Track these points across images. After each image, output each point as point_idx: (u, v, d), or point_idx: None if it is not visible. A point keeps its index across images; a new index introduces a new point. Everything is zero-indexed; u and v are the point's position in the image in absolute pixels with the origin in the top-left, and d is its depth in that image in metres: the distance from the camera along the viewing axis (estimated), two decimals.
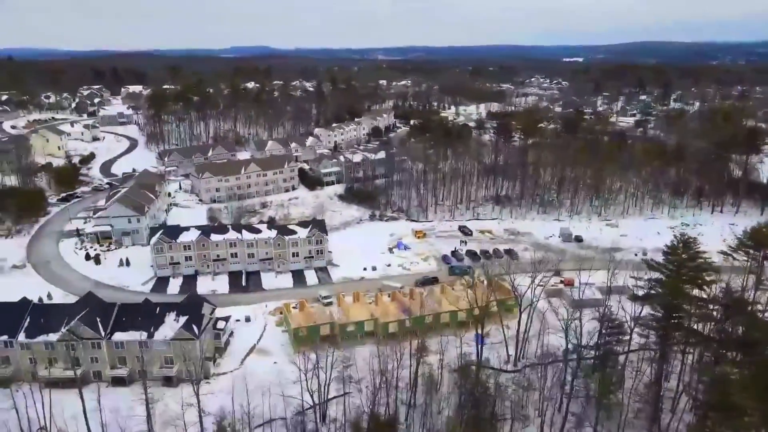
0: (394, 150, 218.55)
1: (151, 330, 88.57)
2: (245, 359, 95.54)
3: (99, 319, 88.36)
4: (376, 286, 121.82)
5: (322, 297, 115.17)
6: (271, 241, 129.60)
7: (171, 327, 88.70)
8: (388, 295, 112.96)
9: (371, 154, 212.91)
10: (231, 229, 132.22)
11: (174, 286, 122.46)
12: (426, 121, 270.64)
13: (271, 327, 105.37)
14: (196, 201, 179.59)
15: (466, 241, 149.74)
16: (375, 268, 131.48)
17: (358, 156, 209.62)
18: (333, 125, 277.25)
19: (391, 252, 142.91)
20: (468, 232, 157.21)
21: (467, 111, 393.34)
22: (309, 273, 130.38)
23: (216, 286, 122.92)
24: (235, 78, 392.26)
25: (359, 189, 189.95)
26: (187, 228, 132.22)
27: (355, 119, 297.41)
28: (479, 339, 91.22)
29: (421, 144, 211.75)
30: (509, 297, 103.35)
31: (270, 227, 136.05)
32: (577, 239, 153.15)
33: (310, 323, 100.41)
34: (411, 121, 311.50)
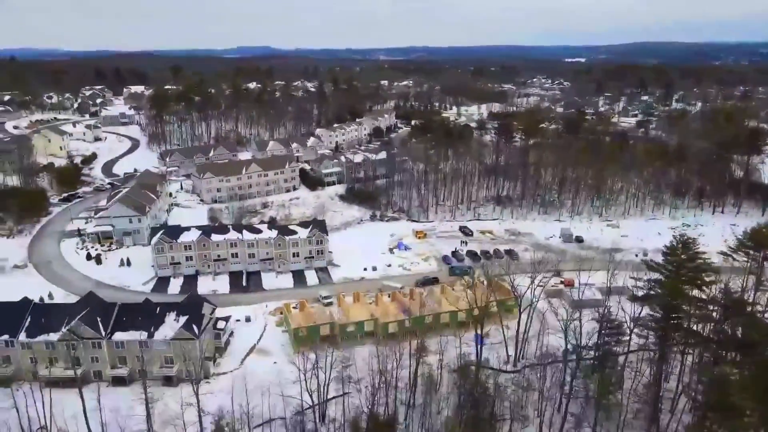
0: (395, 150, 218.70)
1: (152, 330, 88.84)
2: (245, 359, 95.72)
3: (99, 319, 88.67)
4: (376, 286, 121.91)
5: (322, 297, 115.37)
6: (272, 242, 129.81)
7: (171, 327, 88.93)
8: (388, 296, 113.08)
9: (372, 154, 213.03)
10: (232, 230, 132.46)
11: (175, 286, 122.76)
12: (427, 122, 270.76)
13: (272, 327, 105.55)
14: (197, 201, 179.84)
15: (466, 242, 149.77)
16: (375, 268, 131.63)
17: (359, 156, 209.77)
18: (334, 125, 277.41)
19: (392, 252, 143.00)
20: (468, 232, 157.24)
21: (469, 111, 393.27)
22: (309, 273, 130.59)
23: (217, 286, 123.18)
24: (237, 78, 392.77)
25: (360, 189, 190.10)
26: (188, 228, 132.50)
27: (357, 119, 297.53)
28: (479, 339, 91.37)
29: (422, 144, 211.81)
30: (509, 297, 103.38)
31: (271, 227, 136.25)
32: (578, 240, 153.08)
33: (310, 323, 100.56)
34: (412, 122, 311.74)
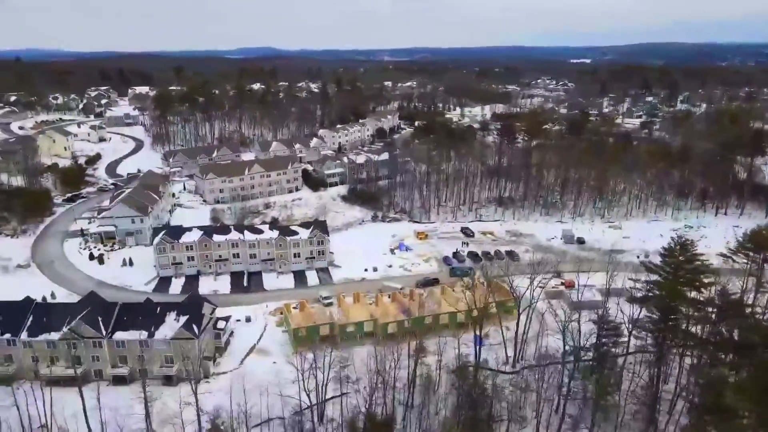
0: (397, 151, 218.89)
1: (152, 329, 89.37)
2: (245, 359, 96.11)
3: (100, 319, 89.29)
4: (376, 286, 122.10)
5: (322, 297, 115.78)
6: (273, 242, 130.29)
7: (171, 326, 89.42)
8: (388, 296, 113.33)
9: (375, 155, 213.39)
10: (233, 230, 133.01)
11: (176, 286, 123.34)
12: (430, 123, 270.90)
13: (272, 327, 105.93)
14: (199, 202, 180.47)
15: (467, 243, 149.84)
16: (376, 269, 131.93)
17: (361, 157, 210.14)
18: (337, 126, 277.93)
19: (393, 253, 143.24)
20: (470, 233, 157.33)
21: (472, 112, 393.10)
22: (310, 273, 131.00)
23: (218, 286, 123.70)
24: (241, 79, 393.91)
25: (362, 190, 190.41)
26: (190, 228, 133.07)
27: (360, 120, 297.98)
28: (478, 340, 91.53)
29: (425, 145, 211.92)
30: (508, 299, 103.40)
31: (272, 228, 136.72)
32: (579, 241, 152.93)
33: (309, 323, 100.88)
34: (416, 123, 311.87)
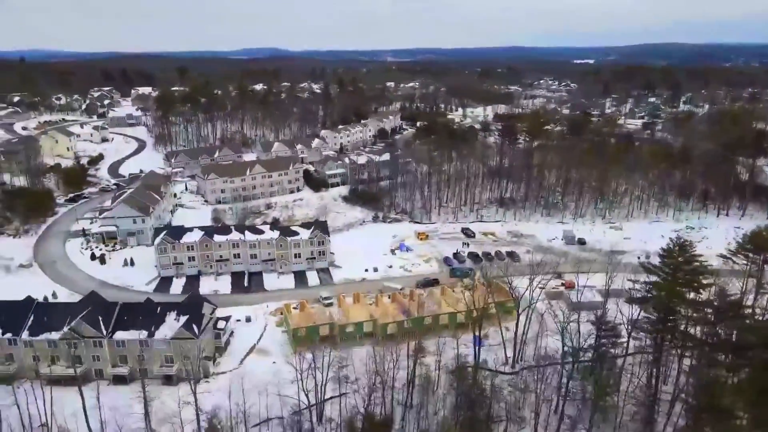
0: (398, 152, 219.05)
1: (152, 329, 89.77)
2: (245, 359, 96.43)
3: (101, 318, 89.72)
4: (377, 287, 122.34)
5: (323, 298, 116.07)
6: (274, 242, 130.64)
7: (171, 326, 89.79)
8: (388, 297, 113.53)
9: (376, 155, 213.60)
10: (234, 230, 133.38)
11: (177, 286, 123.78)
12: (431, 123, 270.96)
13: (272, 327, 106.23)
14: (201, 202, 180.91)
15: (468, 243, 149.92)
16: (376, 269, 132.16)
17: (362, 158, 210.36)
18: (339, 127, 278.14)
19: (393, 253, 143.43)
20: (470, 234, 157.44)
21: (474, 113, 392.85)
22: (311, 274, 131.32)
23: (218, 286, 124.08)
24: (243, 80, 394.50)
25: (363, 191, 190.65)
26: (191, 229, 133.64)
27: (362, 121, 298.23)
28: (477, 341, 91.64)
29: (426, 146, 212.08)
30: (508, 299, 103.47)
31: (273, 228, 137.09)
32: (580, 242, 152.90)
33: (309, 324, 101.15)
34: (417, 123, 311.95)
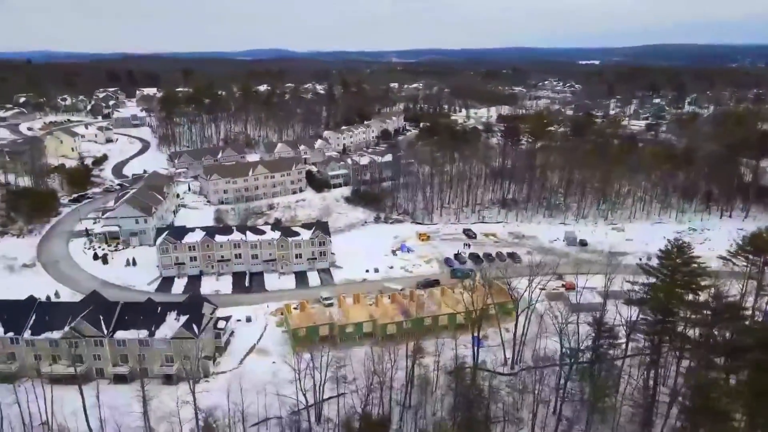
0: (401, 153, 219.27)
1: (152, 329, 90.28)
2: (245, 359, 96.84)
3: (102, 318, 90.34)
4: (377, 287, 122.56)
5: (323, 298, 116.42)
6: (275, 243, 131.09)
7: (171, 326, 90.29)
8: (388, 297, 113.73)
9: (379, 156, 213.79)
10: (235, 231, 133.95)
11: (179, 286, 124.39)
12: (434, 124, 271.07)
13: (272, 327, 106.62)
14: (204, 202, 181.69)
15: (469, 244, 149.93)
16: (377, 270, 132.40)
17: (365, 159, 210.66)
18: (342, 128, 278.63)
19: (394, 254, 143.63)
20: (472, 235, 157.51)
21: (478, 114, 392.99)
22: (312, 274, 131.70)
23: (220, 286, 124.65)
24: (248, 80, 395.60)
25: (366, 191, 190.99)
26: (193, 229, 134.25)
27: (365, 122, 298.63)
28: (476, 341, 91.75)
29: (429, 147, 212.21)
30: (507, 300, 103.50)
31: (274, 229, 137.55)
32: (582, 243, 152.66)
33: (309, 324, 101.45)
34: (421, 124, 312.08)
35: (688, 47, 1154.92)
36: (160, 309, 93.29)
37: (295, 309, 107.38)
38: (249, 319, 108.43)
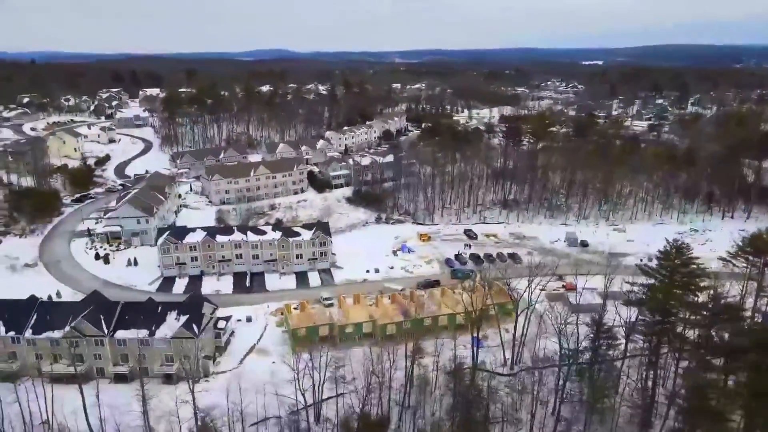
0: (403, 153, 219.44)
1: (153, 328, 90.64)
2: (245, 359, 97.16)
3: (102, 317, 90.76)
4: (377, 288, 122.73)
5: (323, 298, 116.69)
6: (276, 243, 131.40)
7: (171, 326, 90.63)
8: (388, 297, 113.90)
9: (380, 157, 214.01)
10: (236, 231, 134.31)
11: (180, 286, 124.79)
12: (436, 125, 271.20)
13: (272, 327, 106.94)
14: (205, 203, 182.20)
15: (470, 245, 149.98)
16: (378, 270, 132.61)
17: (366, 159, 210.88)
18: (344, 128, 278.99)
19: (395, 255, 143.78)
20: (473, 235, 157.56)
21: (480, 114, 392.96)
22: (312, 274, 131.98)
23: (220, 286, 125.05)
24: (249, 81, 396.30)
25: (367, 192, 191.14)
26: (194, 229, 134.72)
27: (367, 122, 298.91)
28: (475, 342, 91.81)
29: (430, 147, 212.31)
30: (507, 301, 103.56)
31: (275, 229, 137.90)
32: (583, 244, 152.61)
33: (309, 324, 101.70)
34: (423, 125, 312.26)
35: (689, 48, 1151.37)
36: (160, 309, 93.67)
37: (296, 309, 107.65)
38: (249, 319, 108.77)
